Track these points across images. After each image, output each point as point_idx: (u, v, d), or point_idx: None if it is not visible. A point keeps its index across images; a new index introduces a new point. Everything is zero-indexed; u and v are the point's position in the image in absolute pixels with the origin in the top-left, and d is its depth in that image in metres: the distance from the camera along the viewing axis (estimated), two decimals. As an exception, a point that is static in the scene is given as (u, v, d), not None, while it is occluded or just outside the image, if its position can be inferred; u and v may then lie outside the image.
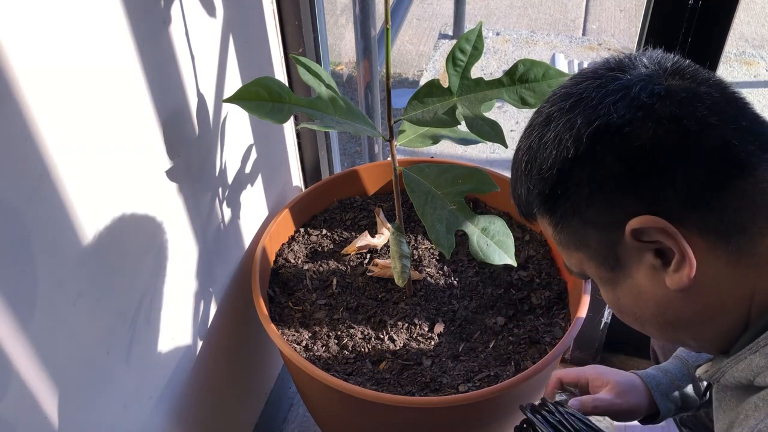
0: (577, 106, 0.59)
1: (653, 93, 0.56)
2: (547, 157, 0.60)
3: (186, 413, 1.13)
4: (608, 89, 0.58)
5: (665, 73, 0.59)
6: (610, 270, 0.63)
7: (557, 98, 0.62)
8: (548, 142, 0.60)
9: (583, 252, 0.64)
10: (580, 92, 0.59)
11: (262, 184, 1.29)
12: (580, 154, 0.58)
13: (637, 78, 0.58)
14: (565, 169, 0.59)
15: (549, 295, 1.24)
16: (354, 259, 1.34)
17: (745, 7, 3.19)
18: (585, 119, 0.58)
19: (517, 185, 0.66)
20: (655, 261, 0.59)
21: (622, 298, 0.65)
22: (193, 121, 1.01)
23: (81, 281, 0.81)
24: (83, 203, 0.79)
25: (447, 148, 2.32)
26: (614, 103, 0.57)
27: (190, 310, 1.10)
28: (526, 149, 0.63)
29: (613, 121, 0.56)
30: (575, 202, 0.60)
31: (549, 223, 0.65)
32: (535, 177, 0.62)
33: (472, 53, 0.99)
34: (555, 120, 0.60)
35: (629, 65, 0.60)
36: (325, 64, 1.37)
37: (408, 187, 1.07)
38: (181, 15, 0.93)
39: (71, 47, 0.74)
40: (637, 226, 0.57)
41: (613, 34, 3.07)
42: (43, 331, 0.75)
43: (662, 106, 0.56)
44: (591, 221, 0.60)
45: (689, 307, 0.61)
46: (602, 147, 0.57)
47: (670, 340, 0.68)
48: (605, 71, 0.60)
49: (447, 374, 1.12)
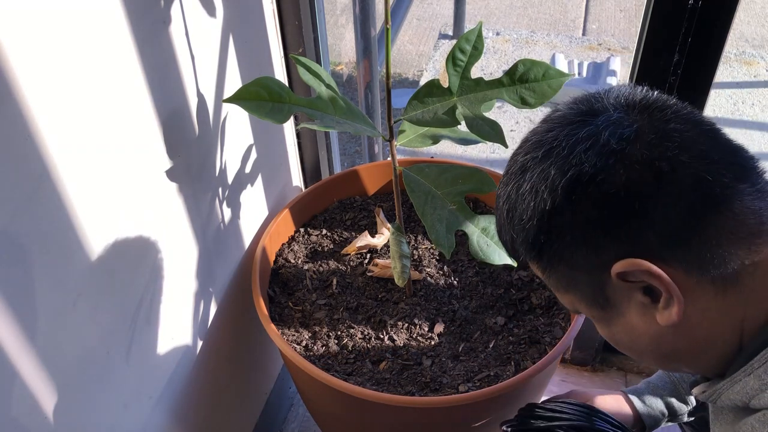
0: (549, 156, 0.59)
1: (622, 138, 0.57)
2: (525, 209, 0.61)
3: (186, 413, 1.13)
4: (578, 137, 0.58)
5: (633, 112, 0.59)
6: (601, 309, 0.64)
7: (530, 146, 0.62)
8: (525, 193, 0.61)
9: (573, 294, 0.65)
10: (551, 141, 0.60)
11: (262, 184, 1.29)
12: (557, 205, 0.59)
13: (604, 123, 0.58)
14: (544, 220, 0.60)
15: (549, 295, 1.24)
16: (354, 259, 1.34)
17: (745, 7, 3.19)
18: (558, 170, 0.58)
19: (503, 233, 0.67)
20: (644, 299, 0.60)
21: (617, 334, 0.66)
22: (193, 121, 1.01)
23: (81, 281, 0.81)
24: (83, 203, 0.79)
25: (447, 148, 2.33)
26: (585, 152, 0.57)
27: (190, 310, 1.10)
28: (505, 198, 0.64)
29: (586, 171, 0.57)
30: (558, 250, 0.61)
31: (537, 268, 0.66)
32: (517, 226, 0.63)
33: (472, 53, 0.99)
34: (530, 170, 0.61)
35: (598, 108, 0.60)
36: (325, 64, 1.37)
37: (408, 187, 1.07)
38: (181, 15, 0.93)
39: (71, 47, 0.74)
40: (622, 270, 0.58)
41: (613, 34, 3.07)
42: (43, 331, 0.75)
43: (632, 150, 0.56)
44: (577, 266, 0.61)
45: (682, 340, 0.62)
46: (578, 196, 0.58)
47: (667, 368, 0.70)
48: (574, 116, 0.61)
49: (447, 374, 1.12)
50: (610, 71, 2.64)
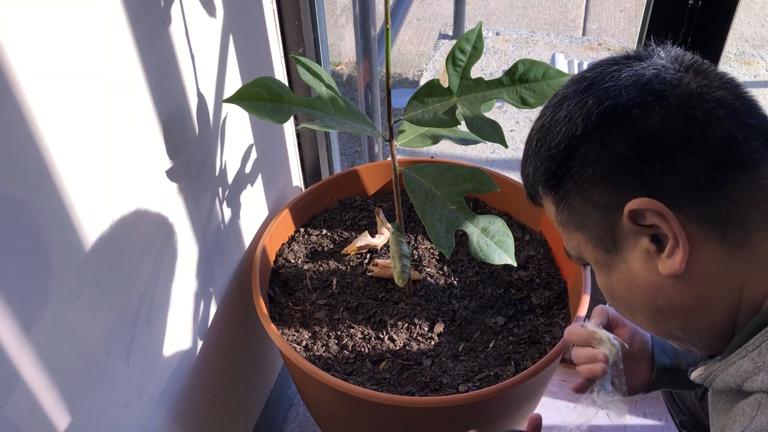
0: (590, 88, 0.61)
1: (665, 81, 0.58)
2: (556, 134, 0.62)
3: (186, 413, 1.13)
4: (622, 74, 0.59)
5: (680, 66, 0.60)
6: (606, 252, 0.64)
7: (572, 82, 0.64)
8: (559, 120, 0.61)
9: (582, 233, 0.65)
10: (594, 76, 0.61)
11: (262, 184, 1.29)
12: (588, 131, 0.59)
13: (650, 66, 0.60)
14: (572, 146, 0.60)
15: (549, 295, 1.24)
16: (354, 259, 1.34)
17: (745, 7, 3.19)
18: (596, 100, 0.59)
19: (526, 164, 0.67)
20: (650, 246, 0.60)
21: (615, 282, 0.66)
22: (193, 121, 1.01)
23: (81, 281, 0.81)
24: (83, 203, 0.79)
25: (447, 148, 2.33)
26: (626, 87, 0.58)
27: (190, 310, 1.10)
28: (538, 128, 0.65)
29: (623, 103, 0.58)
30: (579, 181, 0.61)
31: (552, 202, 0.66)
32: (544, 154, 0.63)
33: (472, 53, 0.99)
34: (568, 100, 0.62)
35: (647, 56, 0.62)
36: (325, 64, 1.37)
37: (408, 187, 1.07)
38: (181, 15, 0.93)
39: (71, 47, 0.74)
40: (635, 208, 0.58)
41: (613, 34, 3.07)
42: (43, 331, 0.75)
43: (672, 94, 0.57)
44: (592, 201, 0.61)
45: (679, 294, 0.62)
46: (610, 127, 0.58)
47: (659, 331, 0.69)
48: (622, 59, 0.62)
49: (447, 374, 1.12)
50: (610, 71, 2.63)
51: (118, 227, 0.87)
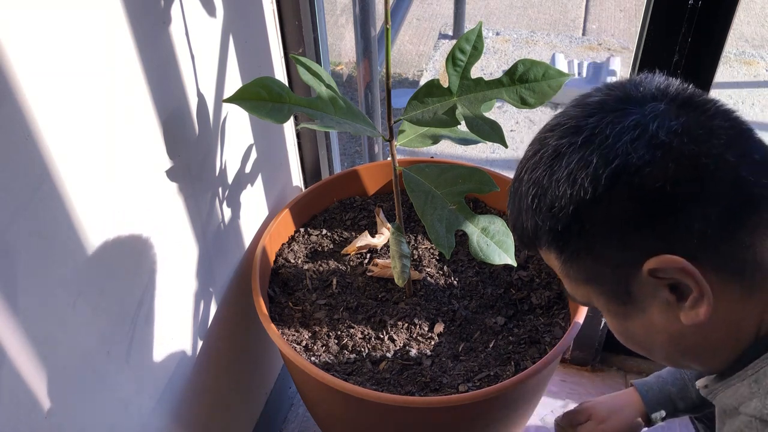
0: (590, 143, 0.57)
1: (671, 130, 0.55)
2: (560, 196, 0.58)
3: (186, 413, 1.13)
4: (624, 126, 0.56)
5: (676, 105, 0.58)
6: (621, 305, 0.62)
7: (565, 131, 0.59)
8: (561, 180, 0.58)
9: (593, 287, 0.63)
10: (592, 127, 0.58)
11: (262, 184, 1.29)
12: (598, 195, 0.56)
13: (651, 114, 0.57)
14: (581, 210, 0.57)
15: (549, 295, 1.24)
16: (354, 259, 1.34)
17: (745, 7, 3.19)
18: (602, 158, 0.56)
19: (522, 218, 0.64)
20: (670, 296, 0.58)
21: (632, 328, 0.65)
22: (193, 121, 1.01)
23: (81, 281, 0.81)
24: (83, 203, 0.79)
25: (447, 148, 2.33)
26: (632, 142, 0.55)
27: (190, 310, 1.10)
28: (533, 183, 0.61)
29: (633, 162, 0.55)
30: (589, 241, 0.59)
31: (556, 258, 0.64)
32: (546, 213, 0.60)
33: (472, 53, 0.99)
34: (566, 156, 0.58)
35: (637, 97, 0.59)
36: (325, 64, 1.37)
37: (408, 187, 1.07)
38: (181, 15, 0.93)
39: (71, 47, 0.74)
40: (655, 267, 0.56)
41: (613, 34, 3.07)
42: (43, 332, 0.75)
43: (680, 144, 0.55)
44: (604, 259, 0.60)
45: (701, 339, 0.61)
46: (621, 187, 0.55)
47: (674, 365, 0.69)
48: (615, 103, 0.59)
49: (447, 374, 1.12)
50: (610, 71, 2.64)
51: (118, 227, 0.87)
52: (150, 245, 0.95)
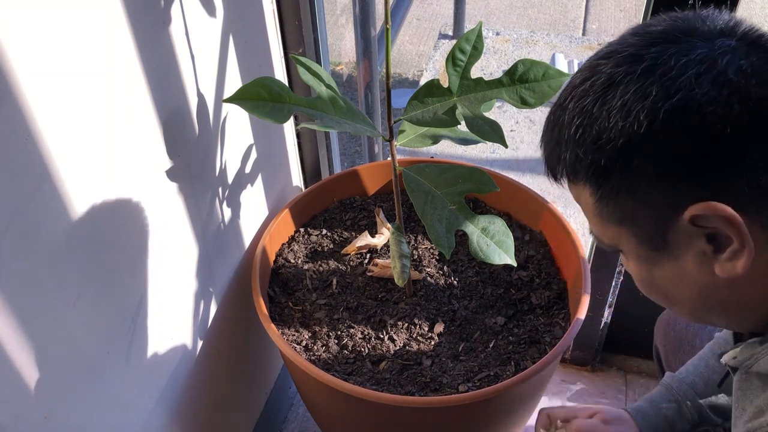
0: (651, 73, 0.53)
1: (740, 69, 0.52)
2: (610, 127, 0.54)
3: (186, 413, 1.13)
4: (690, 59, 0.52)
5: (745, 44, 0.54)
6: (653, 249, 0.59)
7: (623, 59, 0.55)
8: (613, 110, 0.54)
9: (626, 227, 0.60)
10: (654, 57, 0.54)
11: (262, 184, 1.29)
12: (654, 129, 0.52)
13: (720, 49, 0.53)
14: (632, 144, 0.54)
15: (549, 295, 1.24)
16: (354, 259, 1.34)
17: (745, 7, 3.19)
18: (662, 91, 0.52)
19: (561, 149, 0.59)
20: (707, 247, 0.56)
21: (658, 278, 0.62)
22: (193, 121, 1.01)
23: (81, 281, 0.81)
24: (83, 203, 0.79)
25: (447, 148, 2.33)
26: (697, 76, 0.52)
27: (190, 310, 1.10)
28: (579, 112, 0.57)
29: (696, 98, 0.51)
30: (633, 179, 0.55)
31: (591, 194, 0.60)
32: (590, 145, 0.56)
33: (472, 53, 0.99)
34: (622, 84, 0.54)
35: (704, 30, 0.55)
36: (325, 64, 1.37)
37: (408, 187, 1.07)
38: (181, 15, 0.93)
39: (71, 47, 0.74)
40: (699, 213, 0.53)
41: (613, 34, 3.07)
42: (43, 332, 0.75)
43: (749, 86, 0.51)
44: (646, 201, 0.56)
45: (734, 294, 0.58)
46: (679, 124, 0.52)
47: (699, 320, 0.65)
48: (680, 34, 0.55)
49: (447, 374, 1.12)
50: (610, 71, 2.63)
51: (118, 227, 0.87)
52: (150, 245, 0.95)
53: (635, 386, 1.58)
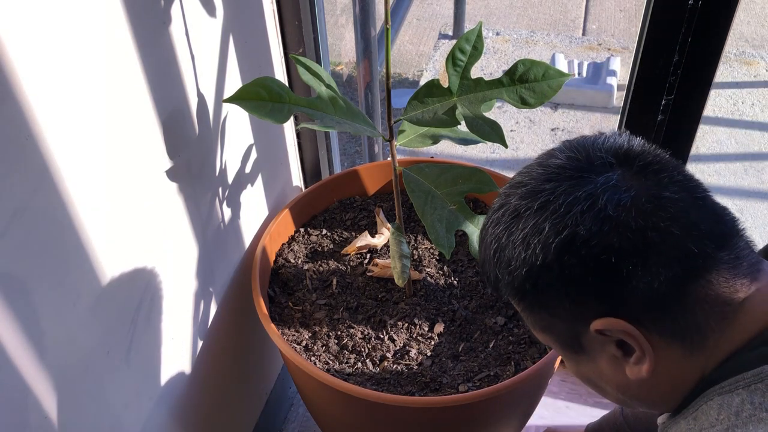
0: (545, 209, 0.60)
1: (619, 204, 0.58)
2: (515, 256, 0.62)
3: (186, 413, 1.13)
4: (576, 196, 0.59)
5: (631, 173, 0.60)
6: (574, 353, 0.67)
7: (525, 193, 0.63)
8: (517, 242, 0.62)
9: (549, 335, 0.68)
10: (548, 193, 0.61)
11: (262, 184, 1.29)
12: (548, 262, 0.60)
13: (603, 185, 0.59)
14: (533, 272, 0.61)
15: (549, 295, 1.24)
16: (354, 259, 1.34)
17: (745, 7, 3.19)
18: (552, 227, 0.59)
19: (486, 267, 0.68)
20: (617, 352, 0.63)
21: (584, 373, 0.70)
22: (193, 121, 1.01)
23: (81, 281, 0.81)
24: (83, 203, 0.79)
25: (447, 148, 2.33)
26: (581, 213, 0.58)
27: (190, 310, 1.10)
28: (494, 238, 0.65)
29: (581, 233, 0.58)
30: (542, 299, 0.63)
31: (517, 306, 0.68)
32: (504, 269, 0.64)
33: (472, 53, 0.99)
34: (523, 219, 0.62)
35: (595, 164, 0.61)
36: (325, 64, 1.37)
37: (408, 187, 1.07)
38: (181, 15, 0.93)
39: (71, 47, 0.74)
40: (601, 327, 0.61)
41: (613, 34, 3.07)
42: (43, 332, 0.75)
43: (627, 218, 0.57)
44: (557, 315, 0.64)
45: (645, 391, 0.66)
46: (569, 256, 0.59)
47: (626, 406, 0.77)
48: (573, 170, 0.61)
49: (447, 374, 1.12)
50: (610, 71, 2.64)
51: (118, 227, 0.87)
52: (150, 245, 0.95)
53: (635, 386, 1.58)
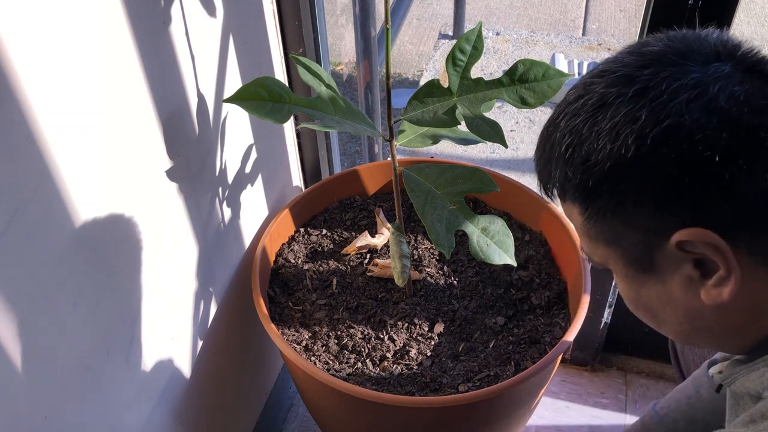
0: (642, 97, 0.53)
1: (732, 96, 0.51)
2: (598, 149, 0.54)
3: (186, 413, 1.13)
4: (682, 83, 0.52)
5: (741, 69, 0.54)
6: (641, 272, 0.59)
7: (616, 79, 0.55)
8: (602, 132, 0.54)
9: (614, 249, 0.60)
10: (647, 79, 0.53)
11: (262, 184, 1.29)
12: (642, 154, 0.52)
13: (714, 74, 0.52)
14: (619, 167, 0.54)
15: (549, 295, 1.24)
16: (354, 259, 1.34)
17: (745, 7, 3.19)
18: (652, 115, 0.52)
19: (551, 166, 0.60)
20: (693, 272, 0.56)
21: (645, 298, 0.62)
22: (193, 121, 1.01)
23: (81, 281, 0.81)
24: (83, 203, 0.79)
25: (447, 148, 2.33)
26: (688, 102, 0.51)
27: (190, 310, 1.10)
28: (570, 131, 0.56)
29: (686, 125, 0.51)
30: (620, 202, 0.55)
31: (580, 213, 0.60)
32: (579, 165, 0.56)
33: (472, 53, 0.99)
34: (612, 106, 0.54)
35: (700, 53, 0.54)
36: (325, 64, 1.37)
37: (408, 187, 1.07)
38: (181, 15, 0.93)
39: (71, 47, 0.74)
40: (686, 239, 0.53)
41: (613, 34, 3.07)
42: (43, 332, 0.75)
43: (740, 114, 0.51)
44: (633, 223, 0.56)
45: (719, 320, 0.59)
46: (667, 150, 0.51)
47: (686, 342, 0.66)
48: (675, 57, 0.54)
49: (447, 374, 1.12)
50: (610, 71, 2.63)
51: (118, 227, 0.87)
52: (150, 245, 0.95)
53: (635, 386, 1.58)
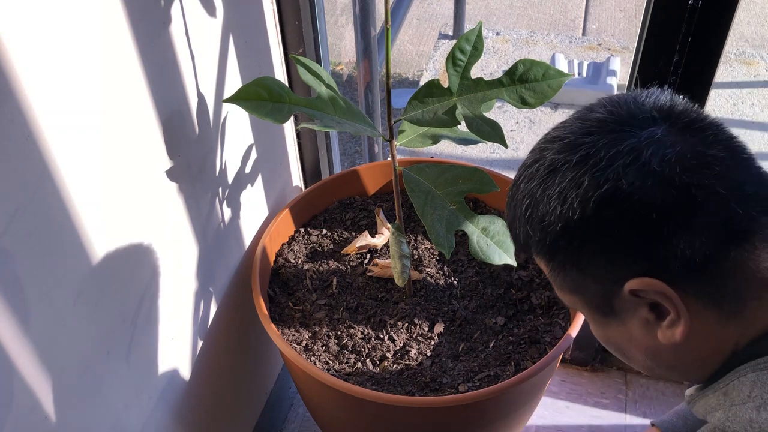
0: (584, 163, 0.58)
1: (664, 159, 0.56)
2: (550, 212, 0.60)
3: (186, 413, 1.13)
4: (619, 150, 0.57)
5: (676, 129, 0.58)
6: (603, 315, 0.65)
7: (563, 146, 0.60)
8: (552, 197, 0.59)
9: (578, 296, 0.65)
10: (589, 146, 0.58)
11: (262, 184, 1.29)
12: (586, 216, 0.57)
13: (647, 139, 0.57)
14: (570, 227, 0.59)
15: (549, 295, 1.24)
16: (354, 259, 1.34)
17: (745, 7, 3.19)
18: (593, 181, 0.57)
19: (516, 224, 0.66)
20: (649, 315, 0.61)
21: (612, 338, 0.67)
22: (193, 121, 1.01)
23: (81, 281, 0.81)
24: (83, 203, 0.79)
25: (447, 148, 2.33)
26: (624, 167, 0.56)
27: (190, 310, 1.10)
28: (527, 193, 0.62)
29: (623, 188, 0.56)
30: (577, 256, 0.61)
31: (545, 266, 0.66)
32: (536, 225, 0.62)
33: (472, 53, 0.99)
34: (560, 173, 0.59)
35: (638, 118, 0.59)
36: (325, 64, 1.37)
37: (408, 187, 1.07)
38: (181, 15, 0.93)
39: (72, 47, 0.74)
40: (637, 288, 0.58)
41: (613, 34, 3.07)
42: (43, 331, 0.75)
43: (672, 174, 0.55)
44: (590, 274, 0.62)
45: (678, 357, 0.64)
46: (609, 212, 0.57)
47: (653, 375, 0.72)
48: (614, 124, 0.59)
49: (447, 374, 1.12)
50: (610, 71, 2.64)
51: (118, 227, 0.87)
52: (150, 245, 0.95)
53: (635, 386, 1.58)
